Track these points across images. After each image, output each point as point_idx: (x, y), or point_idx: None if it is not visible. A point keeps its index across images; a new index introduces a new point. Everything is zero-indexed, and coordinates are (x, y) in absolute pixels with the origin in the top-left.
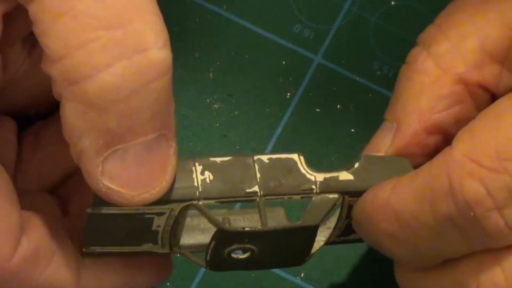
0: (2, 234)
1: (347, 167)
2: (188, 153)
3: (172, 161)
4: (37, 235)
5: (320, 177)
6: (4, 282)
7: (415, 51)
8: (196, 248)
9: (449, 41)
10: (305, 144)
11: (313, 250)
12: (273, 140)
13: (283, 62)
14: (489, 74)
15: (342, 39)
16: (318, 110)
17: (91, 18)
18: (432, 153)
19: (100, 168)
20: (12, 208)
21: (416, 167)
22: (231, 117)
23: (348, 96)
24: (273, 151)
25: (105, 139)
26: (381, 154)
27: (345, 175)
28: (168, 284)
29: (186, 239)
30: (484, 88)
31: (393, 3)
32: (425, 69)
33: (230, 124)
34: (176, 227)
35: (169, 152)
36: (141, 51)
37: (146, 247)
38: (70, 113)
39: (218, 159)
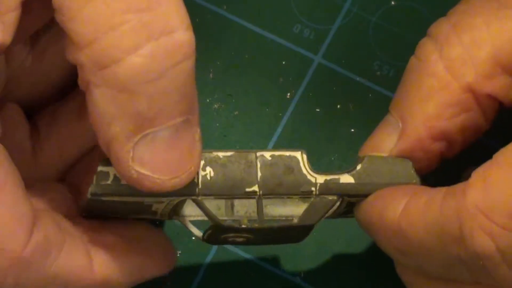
0: (16, 222)
1: (349, 169)
2: None
3: (198, 146)
4: (46, 225)
5: (321, 178)
6: (19, 271)
7: (427, 46)
8: (195, 217)
9: (462, 46)
10: (305, 144)
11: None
12: (273, 140)
13: (283, 62)
14: (499, 84)
15: (342, 39)
16: (318, 110)
17: (120, 2)
18: (436, 158)
19: (131, 154)
20: (24, 197)
21: (418, 170)
22: (231, 117)
23: (348, 96)
24: (276, 148)
25: (136, 123)
26: (384, 155)
27: (346, 178)
28: (168, 284)
29: (187, 208)
30: (493, 98)
31: (393, 3)
32: (435, 72)
33: (230, 124)
34: (175, 208)
35: (195, 137)
36: (168, 32)
37: (146, 216)
38: (100, 99)
39: (221, 154)
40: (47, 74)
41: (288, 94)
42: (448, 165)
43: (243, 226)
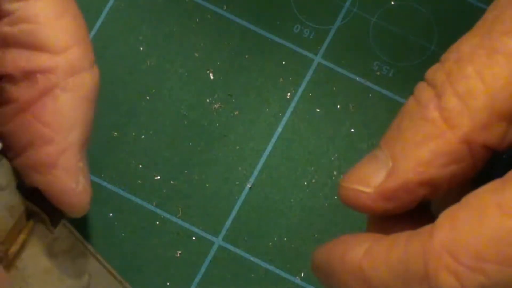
0: None
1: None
2: (188, 153)
3: None
4: None
5: None
6: None
7: (426, 92)
8: None
9: (457, 97)
10: (305, 144)
11: None
12: (273, 140)
13: (283, 62)
14: (495, 133)
15: (342, 39)
16: (318, 110)
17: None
18: (417, 201)
19: (80, 164)
20: None
21: (396, 209)
22: (231, 117)
23: (348, 96)
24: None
25: (87, 133)
26: (369, 190)
27: None
28: (168, 284)
29: None
30: (487, 147)
31: (393, 3)
32: (432, 120)
33: (230, 124)
34: None
35: None
36: None
37: None
38: (66, 104)
39: None
40: None
41: (288, 94)
42: None
43: None
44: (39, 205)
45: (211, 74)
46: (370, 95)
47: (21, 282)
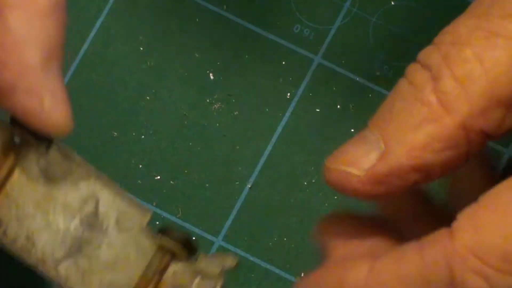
0: None
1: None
2: (188, 153)
3: None
4: None
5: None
6: None
7: (420, 74)
8: None
9: (455, 80)
10: (305, 144)
11: None
12: (273, 140)
13: (283, 62)
14: (493, 119)
15: (342, 39)
16: (318, 110)
17: None
18: (408, 187)
19: (46, 82)
20: None
21: (387, 195)
22: (231, 117)
23: (348, 96)
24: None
25: (49, 50)
26: (359, 173)
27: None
28: None
29: None
30: (484, 133)
31: (393, 3)
32: (429, 103)
33: (230, 124)
34: None
35: None
36: None
37: None
38: (15, 23)
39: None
40: None
41: (288, 94)
42: None
43: None
44: (25, 129)
45: (211, 74)
46: (370, 95)
47: (16, 210)
